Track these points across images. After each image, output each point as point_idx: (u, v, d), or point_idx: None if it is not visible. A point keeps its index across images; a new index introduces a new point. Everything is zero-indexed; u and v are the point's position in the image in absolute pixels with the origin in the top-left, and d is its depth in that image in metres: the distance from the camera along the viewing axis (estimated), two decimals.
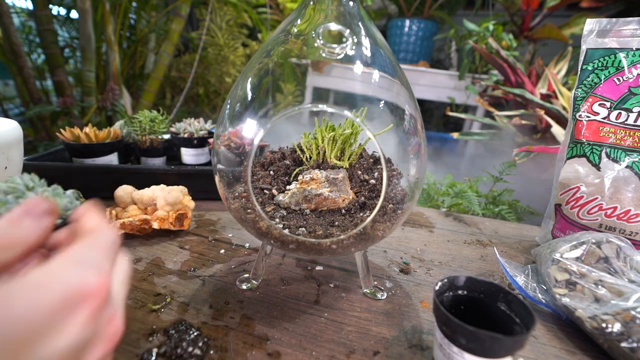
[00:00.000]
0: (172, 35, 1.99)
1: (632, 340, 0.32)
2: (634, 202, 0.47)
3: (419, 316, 0.40)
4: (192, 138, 0.78)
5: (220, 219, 0.62)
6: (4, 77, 2.27)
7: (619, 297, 0.36)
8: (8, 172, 0.48)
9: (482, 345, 0.26)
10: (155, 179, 0.63)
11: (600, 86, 0.51)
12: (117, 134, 0.75)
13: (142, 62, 2.33)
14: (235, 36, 2.49)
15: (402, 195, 0.41)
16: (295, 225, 0.37)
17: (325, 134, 0.41)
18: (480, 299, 0.32)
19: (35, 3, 1.61)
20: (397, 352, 0.34)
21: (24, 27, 2.10)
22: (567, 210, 0.53)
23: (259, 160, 0.46)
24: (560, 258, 0.42)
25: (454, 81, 2.28)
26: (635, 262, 0.40)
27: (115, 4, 1.89)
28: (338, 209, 0.40)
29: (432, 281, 0.47)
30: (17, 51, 1.63)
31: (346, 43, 0.38)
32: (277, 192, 0.41)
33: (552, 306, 0.41)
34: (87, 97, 1.81)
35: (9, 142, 0.47)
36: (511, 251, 0.58)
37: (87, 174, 0.66)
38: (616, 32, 0.50)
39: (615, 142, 0.49)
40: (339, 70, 0.45)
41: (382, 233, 0.38)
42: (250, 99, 0.40)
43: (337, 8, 0.40)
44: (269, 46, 0.41)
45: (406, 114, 0.40)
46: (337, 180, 0.40)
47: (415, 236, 0.61)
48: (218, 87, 2.54)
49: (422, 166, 0.41)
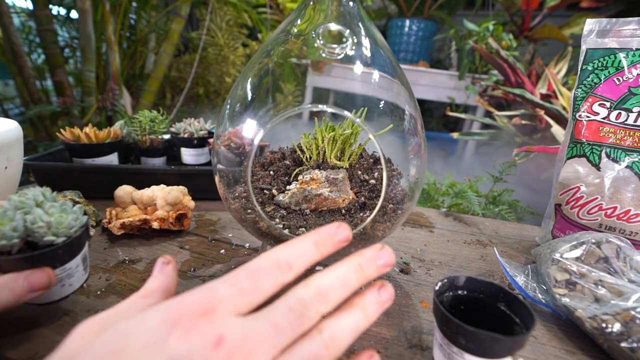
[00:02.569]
0: (172, 35, 1.99)
1: (632, 340, 0.32)
2: (634, 202, 0.47)
3: (419, 316, 0.40)
4: (192, 138, 0.78)
5: (220, 219, 0.62)
6: (4, 77, 2.27)
7: (619, 297, 0.36)
8: (8, 172, 0.48)
9: (482, 345, 0.26)
10: (155, 179, 0.63)
11: (600, 86, 0.51)
12: (117, 134, 0.75)
13: (142, 62, 2.33)
14: (235, 36, 2.49)
15: (402, 195, 0.41)
16: (295, 225, 0.37)
17: (325, 134, 0.41)
18: (480, 299, 0.32)
19: (35, 3, 1.61)
20: (397, 352, 0.34)
21: (24, 27, 2.10)
22: (567, 210, 0.53)
23: (259, 160, 0.46)
24: (560, 258, 0.42)
25: (454, 81, 2.28)
26: (635, 262, 0.40)
27: (115, 4, 1.89)
28: (338, 209, 0.40)
29: (432, 281, 0.47)
30: (17, 51, 1.63)
31: (346, 43, 0.38)
32: (277, 192, 0.41)
33: (552, 306, 0.41)
34: (87, 97, 1.81)
35: (9, 142, 0.47)
36: (511, 251, 0.58)
37: (87, 174, 0.66)
38: (616, 32, 0.50)
39: (615, 142, 0.49)
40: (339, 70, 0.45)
41: (382, 233, 0.38)
42: (250, 99, 0.40)
43: (337, 8, 0.40)
44: (269, 46, 0.41)
45: (406, 114, 0.40)
46: (337, 180, 0.40)
47: (415, 236, 0.61)
48: (218, 87, 2.54)
49: (422, 166, 0.41)
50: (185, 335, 0.18)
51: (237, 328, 0.19)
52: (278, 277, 0.21)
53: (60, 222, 0.31)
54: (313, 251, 0.22)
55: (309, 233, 0.23)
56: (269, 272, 0.21)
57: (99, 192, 0.66)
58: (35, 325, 0.34)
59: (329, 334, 0.20)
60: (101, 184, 0.66)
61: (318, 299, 0.20)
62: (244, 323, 0.19)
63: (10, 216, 0.29)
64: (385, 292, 0.23)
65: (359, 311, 0.22)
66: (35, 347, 0.31)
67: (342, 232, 0.23)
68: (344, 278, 0.22)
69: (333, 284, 0.21)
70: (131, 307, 0.22)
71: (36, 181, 0.67)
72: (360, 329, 0.21)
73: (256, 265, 0.21)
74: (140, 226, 0.52)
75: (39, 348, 0.31)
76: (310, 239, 0.23)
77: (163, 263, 0.26)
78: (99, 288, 0.41)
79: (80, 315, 0.36)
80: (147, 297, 0.23)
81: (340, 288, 0.21)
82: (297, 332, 0.20)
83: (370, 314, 0.22)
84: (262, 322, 0.19)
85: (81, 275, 0.35)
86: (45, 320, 0.35)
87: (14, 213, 0.30)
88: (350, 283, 0.22)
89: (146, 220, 0.52)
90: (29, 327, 0.34)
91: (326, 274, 0.22)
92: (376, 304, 0.22)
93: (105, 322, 0.20)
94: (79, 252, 0.34)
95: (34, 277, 0.29)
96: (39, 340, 0.32)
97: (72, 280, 0.34)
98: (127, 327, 0.19)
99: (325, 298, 0.21)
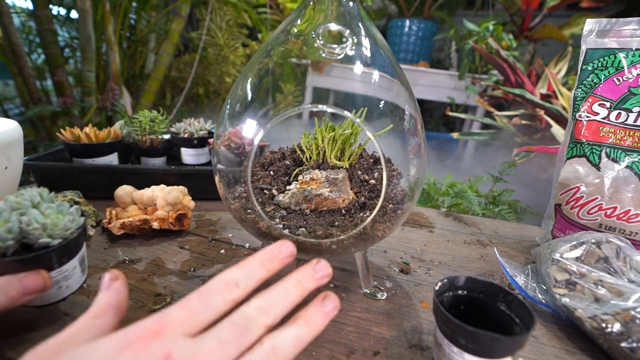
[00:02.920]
0: (172, 35, 1.99)
1: (632, 340, 0.32)
2: (633, 202, 0.47)
3: (419, 316, 0.40)
4: (192, 138, 0.78)
5: (220, 219, 0.62)
6: (4, 77, 2.27)
7: (618, 297, 0.36)
8: (8, 172, 0.48)
9: (482, 345, 0.26)
10: (155, 179, 0.63)
11: (600, 86, 0.51)
12: (117, 134, 0.75)
13: (142, 62, 2.33)
14: (235, 36, 2.49)
15: (402, 195, 0.41)
16: (295, 225, 0.37)
17: (325, 134, 0.41)
18: (480, 299, 0.32)
19: (35, 3, 1.61)
20: (397, 352, 0.34)
21: (24, 27, 2.10)
22: (567, 210, 0.53)
23: (259, 160, 0.46)
24: (560, 258, 0.42)
25: (454, 81, 2.28)
26: (635, 262, 0.40)
27: (115, 4, 1.88)
28: (338, 209, 0.40)
29: (432, 281, 0.47)
30: (17, 51, 1.62)
31: (346, 43, 0.38)
32: (277, 192, 0.41)
33: (552, 306, 0.41)
34: (87, 97, 1.81)
35: (9, 142, 0.47)
36: (511, 251, 0.58)
37: (87, 174, 0.66)
38: (616, 32, 0.50)
39: (615, 142, 0.49)
40: (339, 71, 0.45)
41: (382, 233, 0.38)
42: (250, 99, 0.40)
43: (337, 8, 0.40)
44: (269, 46, 0.41)
45: (406, 114, 0.40)
46: (337, 180, 0.40)
47: (415, 236, 0.61)
48: (218, 87, 2.54)
49: (422, 166, 0.41)
50: (136, 353, 0.19)
51: (184, 346, 0.20)
52: (226, 296, 0.22)
53: (56, 224, 0.31)
54: (259, 269, 0.24)
55: (256, 253, 0.25)
56: (217, 292, 0.22)
57: (99, 192, 0.66)
58: (35, 325, 0.34)
59: (269, 345, 0.21)
60: (101, 184, 0.66)
61: (260, 313, 0.22)
62: (191, 342, 0.20)
63: (6, 217, 0.29)
64: (329, 303, 0.24)
65: (302, 323, 0.23)
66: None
67: (286, 249, 0.26)
68: (284, 292, 0.24)
69: (274, 298, 0.23)
70: (82, 329, 0.22)
71: (36, 181, 0.67)
72: (303, 340, 0.23)
73: (205, 288, 0.23)
74: (140, 226, 0.52)
75: None
76: (256, 258, 0.25)
77: (110, 279, 0.26)
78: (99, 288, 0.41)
79: (79, 315, 0.36)
80: (99, 317, 0.23)
81: (281, 301, 0.23)
82: (242, 345, 0.21)
83: (314, 323, 0.23)
84: (208, 339, 0.21)
85: (79, 277, 0.34)
86: (45, 321, 0.35)
87: (10, 214, 0.29)
88: (290, 296, 0.24)
89: (146, 220, 0.52)
90: (29, 327, 0.34)
91: (268, 291, 0.24)
92: (320, 314, 0.24)
93: (57, 348, 0.20)
94: (76, 254, 0.33)
95: (29, 279, 0.28)
96: (39, 340, 0.32)
97: (69, 283, 0.33)
98: (81, 353, 0.19)
99: (267, 311, 0.22)
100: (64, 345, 0.21)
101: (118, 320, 0.24)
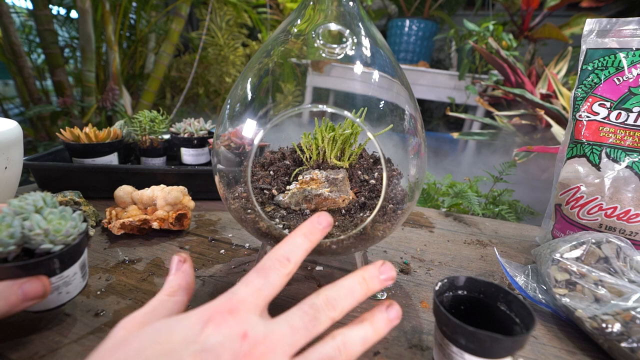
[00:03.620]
0: (172, 35, 1.99)
1: (632, 340, 0.32)
2: (634, 202, 0.47)
3: (419, 316, 0.40)
4: (192, 138, 0.78)
5: (220, 219, 0.62)
6: (4, 77, 2.27)
7: (619, 297, 0.36)
8: (8, 172, 0.48)
9: (482, 345, 0.26)
10: (155, 179, 0.63)
11: (600, 86, 0.51)
12: (117, 134, 0.75)
13: (142, 62, 2.33)
14: (235, 36, 2.49)
15: (402, 195, 0.41)
16: (295, 225, 0.37)
17: (325, 134, 0.41)
18: (480, 299, 0.32)
19: (35, 3, 1.61)
20: (397, 352, 0.34)
21: (24, 27, 2.10)
22: (567, 210, 0.53)
23: (259, 160, 0.46)
24: (560, 258, 0.42)
25: (454, 81, 2.28)
26: (635, 262, 0.40)
27: (115, 4, 1.89)
28: (338, 209, 0.40)
29: (432, 281, 0.47)
30: (17, 51, 1.63)
31: (346, 43, 0.38)
32: (277, 192, 0.41)
33: (552, 306, 0.41)
34: (87, 97, 1.81)
35: (9, 142, 0.47)
36: (511, 251, 0.58)
37: (87, 174, 0.66)
38: (616, 32, 0.50)
39: (615, 142, 0.49)
40: (339, 70, 0.45)
41: (382, 233, 0.38)
42: (250, 99, 0.40)
43: (337, 8, 0.40)
44: (269, 46, 0.41)
45: (406, 114, 0.40)
46: (337, 180, 0.40)
47: (415, 236, 0.61)
48: (218, 87, 2.54)
49: (422, 166, 0.41)
50: (217, 327, 0.21)
51: (258, 327, 0.22)
52: (281, 271, 0.25)
53: (58, 230, 0.30)
54: (304, 241, 0.26)
55: (298, 228, 0.27)
56: (272, 268, 0.25)
57: (99, 192, 0.66)
58: (36, 326, 0.34)
59: (341, 340, 0.23)
60: (101, 184, 0.66)
61: (327, 305, 0.24)
62: (265, 323, 0.22)
63: (8, 222, 0.29)
64: (393, 311, 0.26)
65: (368, 325, 0.24)
66: (35, 348, 0.31)
67: (324, 220, 0.27)
68: (350, 289, 0.25)
69: (340, 293, 0.25)
70: (159, 306, 0.25)
71: (36, 181, 0.67)
72: (369, 341, 0.24)
73: (261, 265, 0.25)
74: (140, 226, 0.52)
75: (39, 348, 0.31)
76: (299, 232, 0.27)
77: (179, 261, 0.28)
78: (98, 288, 0.41)
79: (80, 316, 0.36)
80: (173, 295, 0.26)
81: (347, 297, 0.25)
82: (311, 332, 0.23)
83: (379, 328, 0.25)
84: (280, 324, 0.22)
85: (79, 283, 0.34)
86: (46, 322, 0.35)
87: (12, 219, 0.29)
88: (355, 293, 0.25)
89: (146, 220, 0.52)
90: (30, 327, 0.34)
91: (334, 285, 0.25)
92: (384, 321, 0.25)
93: (144, 318, 0.23)
94: (77, 260, 0.33)
95: (29, 286, 0.29)
96: (40, 340, 0.32)
97: (70, 288, 0.33)
98: (168, 323, 0.22)
99: (334, 305, 0.24)
100: (150, 315, 0.23)
101: (188, 300, 0.27)
